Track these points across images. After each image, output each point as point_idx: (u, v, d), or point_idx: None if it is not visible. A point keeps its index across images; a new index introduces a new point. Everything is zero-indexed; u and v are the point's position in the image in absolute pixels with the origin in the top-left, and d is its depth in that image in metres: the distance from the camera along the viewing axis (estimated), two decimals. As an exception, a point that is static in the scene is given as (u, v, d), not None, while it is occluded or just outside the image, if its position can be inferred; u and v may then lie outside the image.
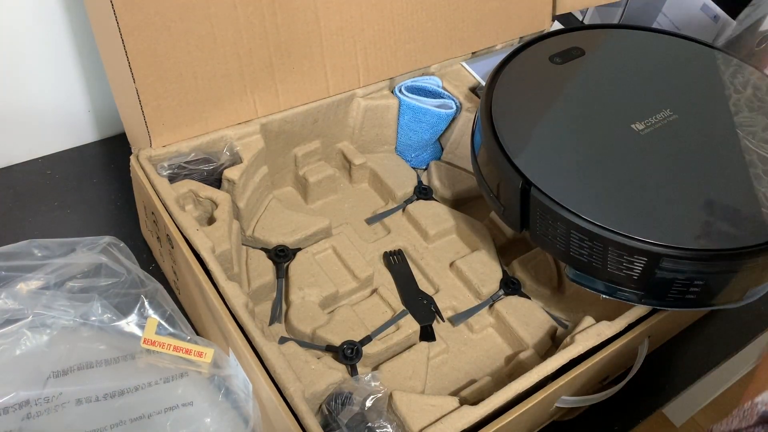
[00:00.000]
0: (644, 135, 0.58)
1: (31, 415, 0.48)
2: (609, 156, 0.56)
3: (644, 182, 0.54)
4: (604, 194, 0.53)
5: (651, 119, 0.59)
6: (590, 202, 0.51)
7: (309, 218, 0.69)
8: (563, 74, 0.63)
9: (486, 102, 0.59)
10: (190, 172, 0.63)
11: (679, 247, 0.49)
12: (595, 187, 0.53)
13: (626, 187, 0.53)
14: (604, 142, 0.57)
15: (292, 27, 0.64)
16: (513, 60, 0.65)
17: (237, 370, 0.51)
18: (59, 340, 0.51)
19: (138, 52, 0.56)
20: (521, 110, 0.59)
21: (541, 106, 0.60)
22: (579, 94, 0.62)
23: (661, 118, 0.59)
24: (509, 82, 0.62)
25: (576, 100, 0.61)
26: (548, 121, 0.58)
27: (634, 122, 0.59)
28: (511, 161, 0.54)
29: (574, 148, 0.56)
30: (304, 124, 0.70)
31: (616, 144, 0.57)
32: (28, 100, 0.74)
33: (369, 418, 0.49)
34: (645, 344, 0.58)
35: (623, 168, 0.55)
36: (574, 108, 0.60)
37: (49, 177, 0.76)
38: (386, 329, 0.61)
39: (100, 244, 0.57)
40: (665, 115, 0.60)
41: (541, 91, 0.62)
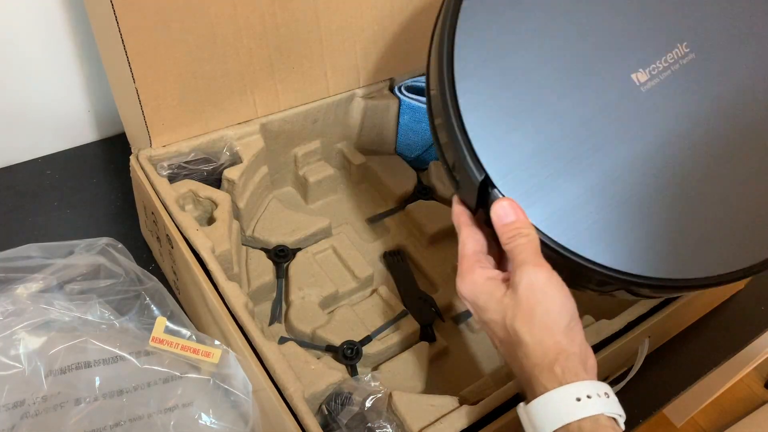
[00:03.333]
0: (648, 92, 0.44)
1: (29, 415, 0.48)
2: (593, 138, 0.43)
3: (630, 180, 0.43)
4: (577, 204, 0.43)
5: (658, 63, 0.44)
6: (559, 217, 0.43)
7: (309, 218, 0.69)
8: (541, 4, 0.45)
9: (447, 50, 0.43)
10: (190, 172, 0.63)
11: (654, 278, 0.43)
12: (569, 192, 0.43)
13: (609, 190, 0.43)
14: (591, 112, 0.43)
15: (292, 27, 0.64)
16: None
17: (237, 370, 0.51)
18: (58, 341, 0.51)
19: (138, 52, 0.56)
20: (490, 62, 0.43)
21: (515, 55, 0.44)
22: (563, 32, 0.45)
23: (673, 59, 0.44)
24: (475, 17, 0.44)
25: (560, 43, 0.44)
26: (523, 80, 0.43)
27: (636, 70, 0.44)
28: (472, 150, 0.42)
29: (550, 128, 0.43)
30: (304, 124, 0.70)
31: (606, 113, 0.43)
32: (29, 100, 0.74)
33: (369, 418, 0.49)
34: (645, 344, 0.58)
35: (607, 161, 0.43)
36: (558, 56, 0.44)
37: (49, 177, 0.76)
38: (386, 329, 0.61)
39: (99, 245, 0.57)
40: (679, 55, 0.44)
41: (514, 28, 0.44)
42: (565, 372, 0.38)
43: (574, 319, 0.41)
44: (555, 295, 0.40)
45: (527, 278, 0.40)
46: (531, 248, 0.41)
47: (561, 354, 0.39)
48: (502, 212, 0.42)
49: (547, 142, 0.43)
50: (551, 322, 0.40)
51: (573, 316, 0.40)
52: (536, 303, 0.40)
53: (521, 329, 0.40)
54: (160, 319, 0.52)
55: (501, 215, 0.42)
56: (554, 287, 0.40)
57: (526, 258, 0.41)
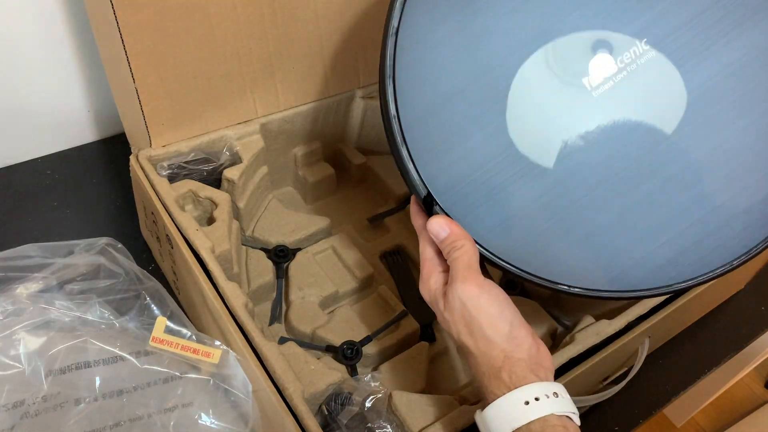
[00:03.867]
0: (600, 97, 0.40)
1: (29, 415, 0.48)
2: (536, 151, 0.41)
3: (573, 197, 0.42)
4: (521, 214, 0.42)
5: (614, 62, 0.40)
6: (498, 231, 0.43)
7: (309, 218, 0.69)
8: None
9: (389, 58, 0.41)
10: (189, 172, 0.63)
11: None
12: (513, 202, 0.42)
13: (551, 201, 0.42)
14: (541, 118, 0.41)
15: (292, 27, 0.64)
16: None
17: (237, 370, 0.51)
18: (58, 341, 0.51)
19: (138, 52, 0.56)
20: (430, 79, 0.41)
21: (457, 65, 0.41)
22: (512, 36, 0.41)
23: (630, 59, 0.40)
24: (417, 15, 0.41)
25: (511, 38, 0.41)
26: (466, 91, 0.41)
27: (586, 73, 0.40)
28: (415, 167, 0.43)
29: (495, 140, 0.41)
30: (304, 124, 0.70)
31: (553, 122, 0.40)
32: (28, 100, 0.74)
33: (369, 419, 0.49)
34: (645, 344, 0.58)
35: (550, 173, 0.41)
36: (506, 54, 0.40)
37: (48, 177, 0.76)
38: (386, 329, 0.61)
39: (98, 245, 0.57)
40: (637, 53, 0.40)
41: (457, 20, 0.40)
42: (512, 377, 0.39)
43: (516, 326, 0.41)
44: (487, 307, 0.41)
45: (456, 295, 0.41)
46: (462, 263, 0.42)
47: (506, 361, 0.40)
48: (435, 230, 0.43)
49: (490, 155, 0.42)
50: (490, 334, 0.41)
51: (513, 324, 0.41)
52: (470, 318, 0.41)
53: (466, 342, 0.42)
54: (160, 318, 0.52)
55: (435, 233, 0.43)
56: (486, 300, 0.41)
57: (456, 274, 0.42)
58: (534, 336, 0.42)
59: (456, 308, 0.42)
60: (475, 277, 0.42)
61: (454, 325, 0.42)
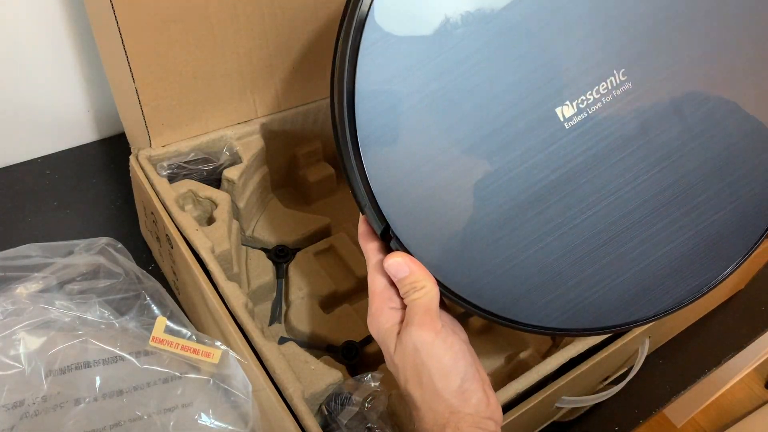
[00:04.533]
0: (572, 128, 0.38)
1: (29, 415, 0.48)
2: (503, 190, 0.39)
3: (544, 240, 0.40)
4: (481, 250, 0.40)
5: (588, 95, 0.38)
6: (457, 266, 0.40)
7: (309, 218, 0.69)
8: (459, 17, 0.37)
9: (348, 77, 0.36)
10: (189, 172, 0.63)
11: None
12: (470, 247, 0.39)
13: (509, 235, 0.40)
14: (507, 154, 0.38)
15: (292, 27, 0.64)
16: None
17: (236, 371, 0.51)
18: (58, 341, 0.51)
19: (138, 52, 0.56)
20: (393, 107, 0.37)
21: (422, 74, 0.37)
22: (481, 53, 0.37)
23: (606, 89, 0.38)
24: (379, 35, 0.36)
25: (478, 65, 0.37)
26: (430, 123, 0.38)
27: (562, 103, 0.38)
28: (372, 197, 0.38)
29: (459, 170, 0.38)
30: (304, 124, 0.70)
31: (520, 152, 0.38)
32: (28, 100, 0.74)
33: (369, 419, 0.49)
34: (645, 344, 0.58)
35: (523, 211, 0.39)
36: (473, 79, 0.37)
37: (48, 177, 0.76)
38: (386, 329, 0.61)
39: (98, 245, 0.57)
40: (613, 84, 0.38)
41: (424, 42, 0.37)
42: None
43: (468, 379, 0.38)
44: (441, 356, 0.38)
45: (411, 340, 0.38)
46: (421, 306, 0.38)
47: (452, 416, 0.37)
48: (394, 270, 0.39)
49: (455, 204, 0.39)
50: (440, 387, 0.38)
51: (465, 377, 0.38)
52: (422, 366, 0.38)
53: (413, 393, 0.39)
54: (160, 318, 0.52)
55: (394, 272, 0.39)
56: (440, 348, 0.38)
57: (412, 318, 0.38)
58: (485, 388, 0.40)
59: (408, 354, 0.38)
60: (433, 323, 0.38)
61: (403, 372, 0.39)
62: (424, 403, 0.38)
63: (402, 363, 0.39)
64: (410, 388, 0.39)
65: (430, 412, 0.38)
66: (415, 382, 0.39)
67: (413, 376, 0.39)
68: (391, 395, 0.50)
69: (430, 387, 0.38)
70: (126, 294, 0.56)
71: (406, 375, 0.39)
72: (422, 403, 0.38)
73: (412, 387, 0.39)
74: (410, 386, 0.39)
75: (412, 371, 0.39)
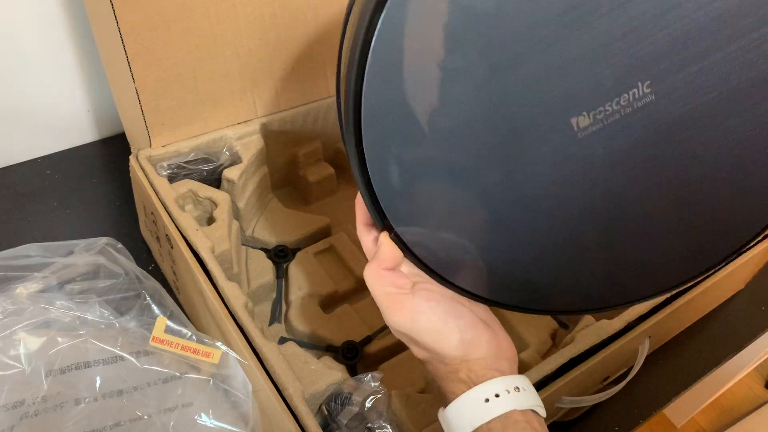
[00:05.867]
0: (584, 139, 0.37)
1: (29, 415, 0.48)
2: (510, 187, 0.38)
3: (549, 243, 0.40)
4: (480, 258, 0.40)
5: (608, 106, 0.36)
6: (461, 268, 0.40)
7: (309, 218, 0.69)
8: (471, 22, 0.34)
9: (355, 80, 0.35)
10: (189, 172, 0.63)
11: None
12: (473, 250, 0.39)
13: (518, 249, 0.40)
14: (516, 160, 0.37)
15: (292, 27, 0.64)
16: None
17: (236, 371, 0.51)
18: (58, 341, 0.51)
19: (138, 52, 0.56)
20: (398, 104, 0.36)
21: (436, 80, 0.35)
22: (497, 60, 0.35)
23: (627, 101, 0.36)
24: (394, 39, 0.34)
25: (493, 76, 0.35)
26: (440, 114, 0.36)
27: (577, 113, 0.36)
28: (373, 195, 0.38)
29: (463, 176, 0.38)
30: (304, 124, 0.70)
31: (528, 159, 0.37)
32: (28, 100, 0.74)
33: (369, 419, 0.49)
34: (645, 344, 0.58)
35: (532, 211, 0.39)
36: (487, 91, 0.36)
37: (48, 177, 0.76)
38: (386, 329, 0.61)
39: (98, 245, 0.57)
40: (636, 96, 0.36)
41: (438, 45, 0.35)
42: (471, 376, 0.38)
43: (466, 330, 0.39)
44: (428, 326, 0.39)
45: (394, 327, 0.40)
46: (386, 296, 0.40)
47: (464, 363, 0.39)
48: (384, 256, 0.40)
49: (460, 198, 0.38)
50: (440, 348, 0.39)
51: (462, 329, 0.39)
52: (416, 340, 0.40)
53: (420, 356, 0.41)
54: (160, 318, 0.52)
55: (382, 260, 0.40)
56: (424, 320, 0.39)
57: (381, 307, 0.40)
58: (492, 329, 0.41)
59: (400, 335, 0.41)
60: (401, 305, 0.39)
61: (405, 342, 0.41)
62: (432, 360, 0.40)
63: (400, 337, 0.41)
64: (416, 352, 0.41)
65: (441, 364, 0.40)
66: (417, 348, 0.41)
67: (414, 345, 0.41)
68: (391, 395, 0.50)
69: (431, 349, 0.39)
70: (126, 294, 0.56)
71: (409, 344, 0.41)
72: (431, 360, 0.40)
73: (417, 351, 0.41)
74: (415, 351, 0.41)
75: (410, 343, 0.41)
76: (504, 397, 0.37)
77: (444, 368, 0.39)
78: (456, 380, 0.39)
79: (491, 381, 0.38)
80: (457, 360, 0.39)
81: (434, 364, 0.40)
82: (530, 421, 0.37)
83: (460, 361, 0.39)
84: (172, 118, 0.61)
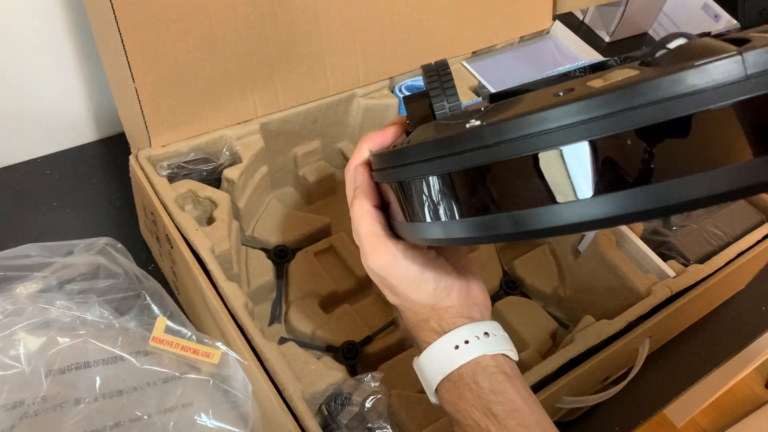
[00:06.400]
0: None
1: (29, 415, 0.48)
2: None
3: None
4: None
5: None
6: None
7: (309, 218, 0.69)
8: None
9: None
10: (189, 171, 0.63)
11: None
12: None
13: None
14: None
15: (292, 27, 0.64)
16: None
17: (236, 371, 0.51)
18: (58, 341, 0.51)
19: (138, 52, 0.56)
20: None
21: None
22: None
23: None
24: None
25: None
26: None
27: None
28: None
29: None
30: (304, 123, 0.70)
31: None
32: (28, 100, 0.74)
33: (369, 419, 0.49)
34: (645, 344, 0.58)
35: None
36: None
37: (48, 177, 0.76)
38: (386, 329, 0.61)
39: (98, 245, 0.57)
40: None
41: None
42: (442, 324, 0.38)
43: (441, 279, 0.39)
44: (405, 273, 0.38)
45: (371, 268, 0.39)
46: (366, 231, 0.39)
47: (434, 312, 0.39)
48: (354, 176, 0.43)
49: None
50: (414, 296, 0.39)
51: (437, 279, 0.39)
52: (391, 285, 0.39)
53: (391, 299, 0.41)
54: (160, 318, 0.52)
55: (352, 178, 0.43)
56: (402, 266, 0.38)
57: (362, 246, 0.39)
58: (465, 276, 0.40)
59: (375, 276, 0.40)
60: (384, 245, 0.38)
61: (379, 286, 0.41)
62: (402, 306, 0.40)
63: (375, 279, 0.40)
64: (389, 297, 0.41)
65: (410, 312, 0.40)
66: (390, 293, 0.40)
67: (386, 289, 0.40)
68: (391, 395, 0.50)
69: (404, 296, 0.39)
70: (126, 294, 0.56)
71: (382, 289, 0.41)
72: (401, 306, 0.40)
73: (389, 296, 0.41)
74: (389, 296, 0.41)
75: (384, 287, 0.40)
76: (473, 343, 0.37)
77: (414, 317, 0.40)
78: (427, 329, 0.39)
79: (461, 328, 0.38)
80: (427, 309, 0.39)
81: (404, 311, 0.40)
82: (500, 365, 0.37)
83: (430, 310, 0.39)
84: (172, 118, 0.61)
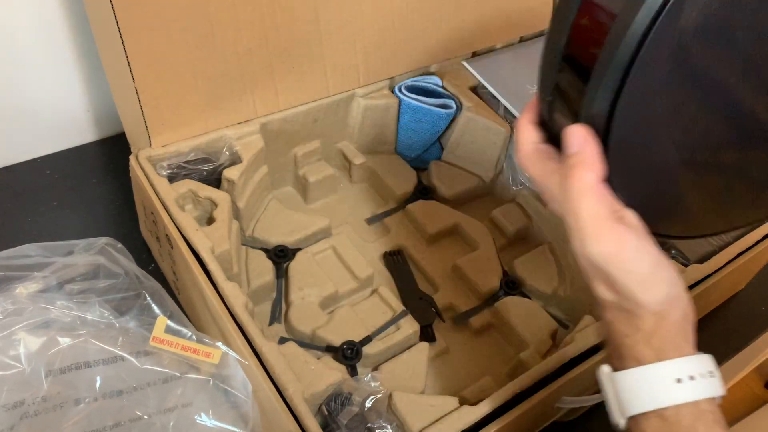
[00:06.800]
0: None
1: (29, 415, 0.48)
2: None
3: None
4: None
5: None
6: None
7: (309, 218, 0.69)
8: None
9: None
10: (189, 171, 0.63)
11: None
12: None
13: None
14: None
15: (292, 27, 0.64)
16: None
17: (236, 371, 0.51)
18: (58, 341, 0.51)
19: (138, 52, 0.56)
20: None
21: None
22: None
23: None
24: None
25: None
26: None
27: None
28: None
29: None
30: (304, 123, 0.70)
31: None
32: (28, 100, 0.74)
33: (369, 419, 0.49)
34: (645, 344, 0.58)
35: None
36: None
37: (48, 177, 0.76)
38: (386, 329, 0.61)
39: (98, 245, 0.57)
40: None
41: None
42: (664, 345, 0.32)
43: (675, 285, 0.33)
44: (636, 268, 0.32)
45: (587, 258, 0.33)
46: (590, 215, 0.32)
47: (659, 324, 0.32)
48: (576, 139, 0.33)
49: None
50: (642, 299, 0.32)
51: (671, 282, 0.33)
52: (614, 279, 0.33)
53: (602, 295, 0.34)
54: (160, 318, 0.52)
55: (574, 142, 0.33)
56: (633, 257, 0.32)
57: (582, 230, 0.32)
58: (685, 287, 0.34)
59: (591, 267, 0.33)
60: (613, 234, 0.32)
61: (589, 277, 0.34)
62: (619, 307, 0.33)
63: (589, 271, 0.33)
64: (599, 291, 0.34)
65: (629, 316, 0.33)
66: (606, 288, 0.33)
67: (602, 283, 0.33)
68: (391, 395, 0.50)
69: (629, 295, 0.33)
70: (126, 294, 0.56)
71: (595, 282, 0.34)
72: (617, 306, 0.34)
73: (603, 291, 0.34)
74: (600, 290, 0.34)
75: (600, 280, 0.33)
76: (698, 382, 0.32)
77: (628, 324, 0.33)
78: (643, 343, 0.33)
79: (687, 359, 0.32)
80: (654, 319, 0.32)
81: (616, 313, 0.34)
82: (715, 413, 0.32)
83: (657, 321, 0.32)
84: (172, 118, 0.61)
